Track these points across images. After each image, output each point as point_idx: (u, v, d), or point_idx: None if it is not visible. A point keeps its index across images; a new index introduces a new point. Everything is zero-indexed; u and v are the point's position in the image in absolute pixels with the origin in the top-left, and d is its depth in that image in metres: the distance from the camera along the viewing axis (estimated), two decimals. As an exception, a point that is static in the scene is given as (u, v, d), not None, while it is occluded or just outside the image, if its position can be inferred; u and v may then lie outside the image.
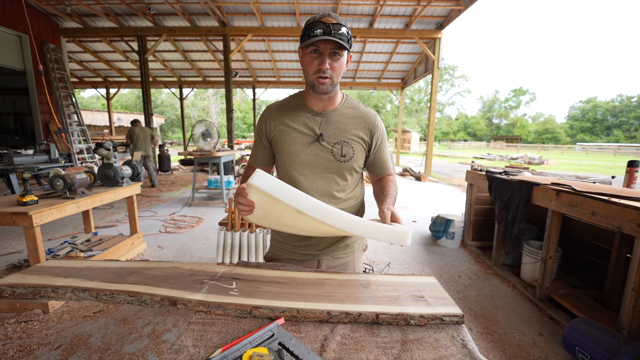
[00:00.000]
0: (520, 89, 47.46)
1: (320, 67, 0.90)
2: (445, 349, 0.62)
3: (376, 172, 1.12)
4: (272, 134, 1.03)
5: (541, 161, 16.56)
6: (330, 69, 0.91)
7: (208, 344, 0.62)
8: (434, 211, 4.55)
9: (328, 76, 0.91)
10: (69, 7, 7.26)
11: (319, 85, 0.93)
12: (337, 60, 0.91)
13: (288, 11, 7.70)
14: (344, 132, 1.01)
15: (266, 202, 0.77)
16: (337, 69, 0.92)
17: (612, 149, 27.27)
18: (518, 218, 2.39)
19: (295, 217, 0.79)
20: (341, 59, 0.92)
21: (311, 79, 0.93)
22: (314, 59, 0.91)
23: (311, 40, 0.87)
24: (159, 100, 34.76)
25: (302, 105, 1.03)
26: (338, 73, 0.93)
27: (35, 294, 0.76)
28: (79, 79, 12.93)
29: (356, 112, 1.05)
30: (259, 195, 0.76)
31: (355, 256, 1.14)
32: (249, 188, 0.76)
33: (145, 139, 6.59)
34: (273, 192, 0.74)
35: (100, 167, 2.77)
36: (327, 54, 0.89)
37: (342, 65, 0.93)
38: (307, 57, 0.92)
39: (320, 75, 0.91)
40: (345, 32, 0.88)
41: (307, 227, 0.83)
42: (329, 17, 0.88)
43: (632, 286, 1.52)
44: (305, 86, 1.03)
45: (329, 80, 0.92)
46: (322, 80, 0.92)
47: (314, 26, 0.87)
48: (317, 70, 0.91)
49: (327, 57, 0.89)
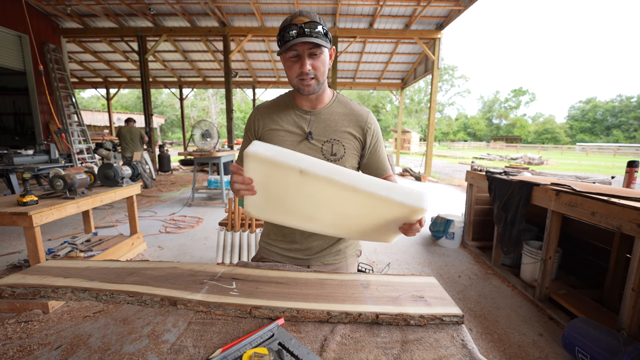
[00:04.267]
0: (520, 89, 47.46)
1: (302, 69, 0.87)
2: (445, 349, 0.63)
3: (374, 173, 1.07)
4: (261, 133, 1.02)
5: (541, 161, 16.56)
6: (312, 69, 0.88)
7: (208, 344, 0.62)
8: (433, 211, 4.54)
9: (312, 76, 0.89)
10: (69, 8, 7.26)
11: (304, 87, 0.91)
12: (317, 59, 0.88)
13: (288, 11, 7.70)
14: (334, 130, 0.99)
15: (266, 174, 0.72)
16: (319, 68, 0.89)
17: (611, 149, 27.27)
18: (518, 218, 2.39)
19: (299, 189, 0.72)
20: (322, 56, 0.89)
21: (295, 83, 0.92)
22: (294, 63, 0.89)
23: (287, 45, 0.84)
24: (159, 100, 34.75)
25: (292, 104, 1.02)
26: (322, 71, 0.90)
27: (35, 294, 0.76)
28: (79, 79, 12.93)
29: (347, 109, 1.02)
30: (257, 167, 0.71)
31: (348, 262, 1.10)
32: (247, 159, 0.70)
33: (132, 139, 6.45)
34: (273, 156, 0.69)
35: (100, 167, 2.77)
36: (305, 55, 0.87)
37: (324, 62, 0.90)
38: (287, 62, 0.90)
39: (303, 77, 0.89)
40: (321, 29, 0.85)
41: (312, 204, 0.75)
42: (301, 17, 0.85)
43: (632, 286, 1.52)
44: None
45: (314, 81, 0.90)
46: (306, 82, 0.90)
47: (287, 29, 0.84)
48: (299, 74, 0.89)
49: (306, 59, 0.87)
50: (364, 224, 0.78)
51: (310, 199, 0.74)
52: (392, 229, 0.76)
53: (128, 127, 6.53)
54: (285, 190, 0.74)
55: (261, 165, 0.71)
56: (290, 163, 0.68)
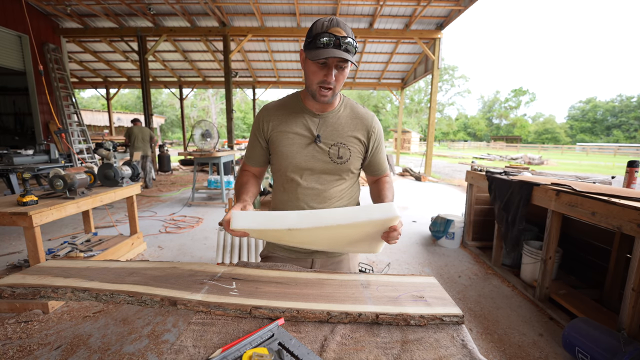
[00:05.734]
0: (520, 89, 47.44)
1: (327, 78, 0.90)
2: (445, 349, 0.62)
3: (373, 173, 1.12)
4: (270, 135, 1.03)
5: (541, 161, 16.56)
6: (335, 80, 0.91)
7: (208, 344, 0.62)
8: (434, 211, 4.55)
9: (332, 87, 0.92)
10: (69, 7, 7.26)
11: (320, 96, 0.93)
12: (342, 72, 0.91)
13: (288, 11, 7.71)
14: (342, 134, 1.01)
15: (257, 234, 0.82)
16: (340, 80, 0.92)
17: (612, 149, 27.26)
18: (518, 218, 2.39)
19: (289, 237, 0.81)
20: (346, 69, 0.91)
21: (314, 88, 0.93)
22: (319, 69, 0.90)
23: (321, 55, 0.85)
24: (159, 100, 34.76)
25: (300, 106, 1.03)
26: (341, 83, 0.93)
27: (35, 294, 0.76)
28: (79, 79, 12.93)
29: (354, 113, 1.05)
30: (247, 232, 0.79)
31: (350, 255, 1.15)
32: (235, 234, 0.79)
33: (144, 138, 6.54)
34: (257, 225, 0.77)
35: (100, 167, 2.77)
36: (333, 65, 0.88)
37: (345, 75, 0.93)
38: (312, 66, 0.91)
39: (324, 86, 0.91)
40: (352, 42, 0.87)
41: (305, 239, 0.84)
42: (338, 28, 0.87)
43: (632, 286, 1.52)
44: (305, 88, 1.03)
45: (331, 92, 0.93)
46: (325, 92, 0.92)
47: (323, 36, 0.85)
48: (322, 81, 0.91)
49: (333, 69, 0.89)
50: (350, 244, 0.90)
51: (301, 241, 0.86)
52: (376, 239, 0.85)
53: (139, 127, 6.56)
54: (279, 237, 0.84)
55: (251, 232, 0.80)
56: (277, 227, 0.76)
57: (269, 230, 0.77)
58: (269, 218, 0.77)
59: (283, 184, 1.06)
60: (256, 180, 1.09)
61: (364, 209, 0.79)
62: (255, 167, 1.10)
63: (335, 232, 0.79)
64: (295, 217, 0.77)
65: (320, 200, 1.03)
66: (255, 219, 0.77)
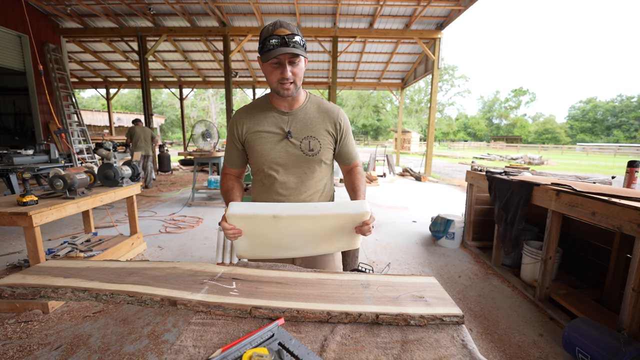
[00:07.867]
0: (520, 89, 47.39)
1: (283, 75, 0.97)
2: (445, 349, 0.62)
3: (344, 161, 1.21)
4: (244, 137, 1.11)
5: (541, 161, 16.55)
6: (292, 75, 0.98)
7: (208, 344, 0.62)
8: (434, 211, 4.55)
9: (291, 81, 0.99)
10: (69, 7, 7.26)
11: (283, 90, 1.00)
12: (296, 66, 0.99)
13: (288, 11, 7.71)
14: (311, 128, 1.09)
15: (248, 224, 0.91)
16: (297, 73, 1.00)
17: (612, 149, 27.24)
18: (518, 218, 2.39)
19: (275, 228, 0.90)
20: (300, 64, 0.99)
21: (275, 86, 1.01)
22: (275, 69, 0.98)
23: (271, 55, 0.93)
24: (159, 100, 34.77)
25: (270, 107, 1.10)
26: (299, 76, 1.01)
27: (35, 294, 0.76)
28: (79, 79, 12.92)
29: (320, 108, 1.13)
30: (240, 221, 0.90)
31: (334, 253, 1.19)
32: (230, 218, 0.89)
33: (145, 138, 6.56)
34: (249, 212, 0.88)
35: (100, 167, 2.77)
36: (286, 62, 0.96)
37: (301, 68, 1.01)
38: (268, 67, 0.99)
39: (283, 82, 0.99)
40: (299, 39, 0.95)
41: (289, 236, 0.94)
42: (282, 28, 0.94)
43: (632, 286, 1.52)
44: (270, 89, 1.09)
45: (292, 85, 1.00)
46: (286, 86, 0.99)
47: (269, 39, 0.93)
48: (280, 79, 0.98)
49: (287, 66, 0.97)
50: (330, 238, 0.98)
51: (286, 232, 0.93)
52: (351, 233, 0.95)
53: (141, 127, 6.57)
54: (266, 231, 0.93)
55: (242, 220, 0.90)
56: (265, 213, 0.88)
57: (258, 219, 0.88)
58: (260, 206, 0.91)
59: (262, 180, 1.14)
60: (239, 182, 1.19)
61: (341, 204, 0.92)
62: (236, 169, 1.19)
63: (316, 223, 0.91)
64: (282, 207, 0.90)
65: (298, 192, 1.10)
66: (247, 205, 0.90)
